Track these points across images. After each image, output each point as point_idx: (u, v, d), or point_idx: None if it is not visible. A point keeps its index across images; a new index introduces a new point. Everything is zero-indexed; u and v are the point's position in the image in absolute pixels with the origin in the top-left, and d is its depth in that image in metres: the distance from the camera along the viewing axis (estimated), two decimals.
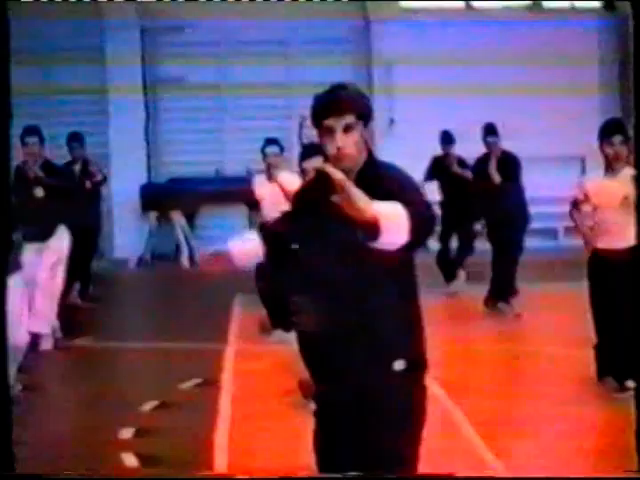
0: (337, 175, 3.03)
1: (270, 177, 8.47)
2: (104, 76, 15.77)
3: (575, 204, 7.01)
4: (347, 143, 3.52)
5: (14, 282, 5.59)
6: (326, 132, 3.55)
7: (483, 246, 10.77)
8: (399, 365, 3.41)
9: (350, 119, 3.54)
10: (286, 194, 3.34)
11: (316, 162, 6.51)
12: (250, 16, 15.59)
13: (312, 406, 3.97)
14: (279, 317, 8.49)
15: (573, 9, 16.85)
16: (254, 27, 15.70)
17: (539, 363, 7.98)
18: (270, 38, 15.99)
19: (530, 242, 14.83)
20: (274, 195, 7.21)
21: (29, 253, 8.09)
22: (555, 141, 13.89)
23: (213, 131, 16.30)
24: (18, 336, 7.18)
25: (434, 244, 13.25)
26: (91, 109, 15.76)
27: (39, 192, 8.53)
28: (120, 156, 15.40)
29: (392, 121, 14.80)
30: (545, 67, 15.62)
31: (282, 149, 8.65)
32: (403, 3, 16.44)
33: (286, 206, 3.93)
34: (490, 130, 9.99)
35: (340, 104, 3.57)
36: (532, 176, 10.00)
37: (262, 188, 8.56)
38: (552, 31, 15.69)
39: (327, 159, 3.57)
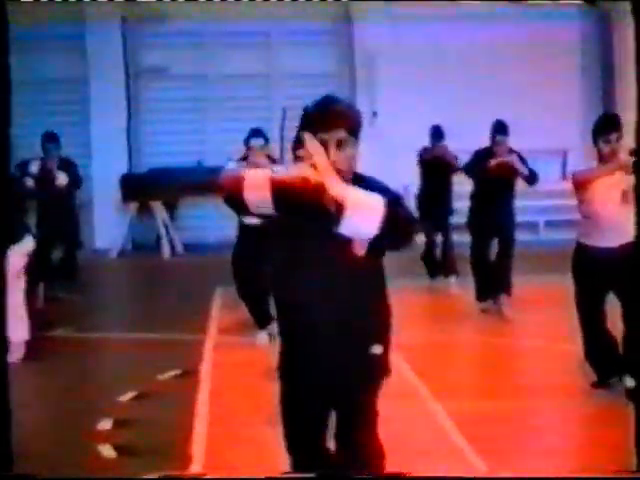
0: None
1: (252, 168, 8.42)
2: (85, 66, 15.71)
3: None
4: (340, 158, 3.52)
5: None
6: None
7: (462, 239, 10.77)
8: (376, 349, 3.71)
9: (342, 134, 3.54)
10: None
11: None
12: (233, 7, 15.54)
13: None
14: (257, 313, 8.48)
15: (555, 3, 16.89)
16: (237, 18, 15.65)
17: (519, 356, 8.00)
18: (253, 29, 15.96)
19: None
20: None
21: None
22: (537, 135, 13.93)
23: (195, 122, 16.27)
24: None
25: (419, 239, 13.29)
26: (72, 99, 15.69)
27: None
28: (101, 146, 15.35)
29: (375, 114, 14.79)
30: (527, 61, 15.67)
31: (267, 141, 8.60)
32: None
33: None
34: (500, 128, 9.79)
35: (332, 119, 3.55)
36: None
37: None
38: (534, 25, 15.74)
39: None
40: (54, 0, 15.04)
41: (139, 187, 15.55)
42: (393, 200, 3.40)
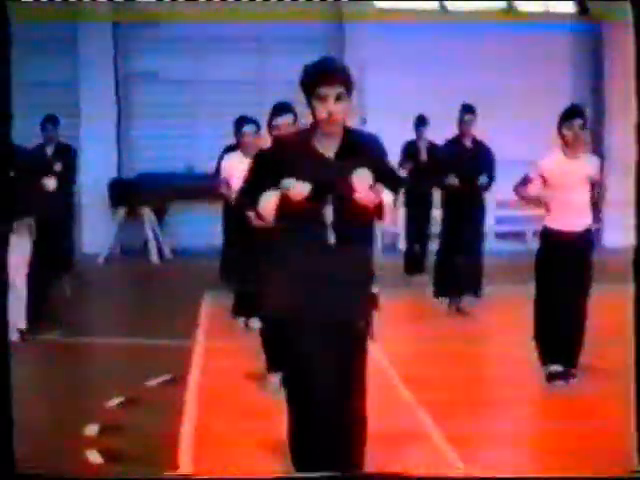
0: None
1: (246, 154, 8.52)
2: (76, 69, 15.68)
3: (524, 182, 7.12)
4: (337, 110, 4.14)
5: None
6: (318, 99, 4.14)
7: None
8: (376, 289, 4.53)
9: (340, 89, 4.14)
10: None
11: (287, 119, 6.74)
12: (224, 13, 15.55)
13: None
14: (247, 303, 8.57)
15: (547, 13, 16.95)
16: (228, 24, 15.66)
17: (506, 365, 8.00)
18: (244, 35, 15.96)
19: (499, 245, 15.01)
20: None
21: None
22: (525, 145, 13.94)
23: (185, 127, 16.24)
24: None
25: (402, 245, 13.44)
26: (62, 102, 15.63)
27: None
28: (90, 150, 15.30)
29: (364, 121, 14.80)
30: (518, 71, 15.70)
31: (259, 128, 8.75)
32: (378, 4, 16.47)
33: None
34: (468, 108, 9.99)
35: (333, 75, 4.16)
36: (502, 179, 10.06)
37: (237, 165, 8.56)
38: (526, 35, 15.78)
39: (316, 122, 4.20)
40: (48, 1, 14.99)
41: (128, 192, 15.52)
42: (387, 169, 4.35)
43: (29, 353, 8.34)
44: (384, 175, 4.25)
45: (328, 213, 4.20)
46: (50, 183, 11.19)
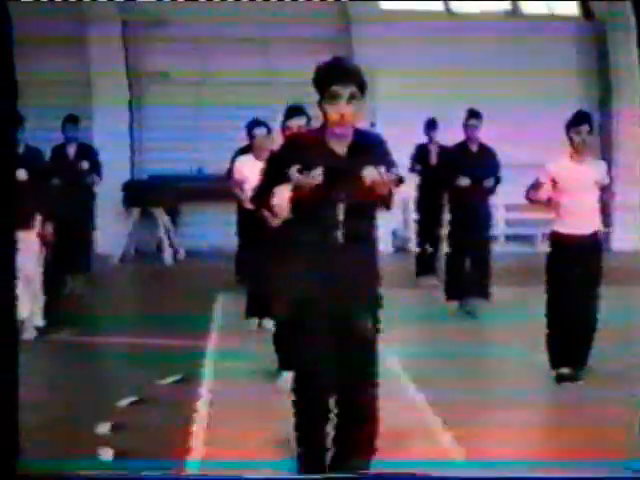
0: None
1: (257, 156, 8.56)
2: (87, 72, 15.75)
3: (535, 186, 7.18)
4: (350, 111, 4.09)
5: None
6: (331, 98, 4.08)
7: None
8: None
9: (354, 88, 4.10)
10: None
11: (300, 121, 6.80)
12: (233, 14, 15.62)
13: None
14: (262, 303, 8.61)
15: (552, 15, 16.98)
16: (237, 25, 15.73)
17: (515, 367, 8.04)
18: (252, 36, 16.03)
19: (508, 248, 15.04)
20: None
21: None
22: (532, 148, 13.96)
23: (195, 128, 16.30)
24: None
25: (413, 247, 13.49)
26: (73, 104, 15.70)
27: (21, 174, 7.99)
28: (103, 152, 15.36)
29: (372, 125, 14.85)
30: (524, 74, 15.70)
31: (269, 130, 8.80)
32: (384, 4, 16.51)
33: None
34: (473, 113, 10.07)
35: (347, 74, 4.11)
36: (510, 183, 10.13)
37: (250, 167, 8.56)
38: (530, 36, 15.81)
39: (327, 123, 4.19)
40: (55, 1, 15.06)
41: (141, 193, 15.61)
42: (392, 164, 4.28)
43: (43, 351, 8.43)
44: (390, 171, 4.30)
45: (340, 211, 4.21)
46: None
